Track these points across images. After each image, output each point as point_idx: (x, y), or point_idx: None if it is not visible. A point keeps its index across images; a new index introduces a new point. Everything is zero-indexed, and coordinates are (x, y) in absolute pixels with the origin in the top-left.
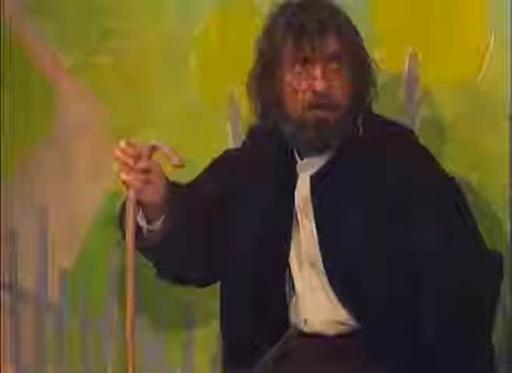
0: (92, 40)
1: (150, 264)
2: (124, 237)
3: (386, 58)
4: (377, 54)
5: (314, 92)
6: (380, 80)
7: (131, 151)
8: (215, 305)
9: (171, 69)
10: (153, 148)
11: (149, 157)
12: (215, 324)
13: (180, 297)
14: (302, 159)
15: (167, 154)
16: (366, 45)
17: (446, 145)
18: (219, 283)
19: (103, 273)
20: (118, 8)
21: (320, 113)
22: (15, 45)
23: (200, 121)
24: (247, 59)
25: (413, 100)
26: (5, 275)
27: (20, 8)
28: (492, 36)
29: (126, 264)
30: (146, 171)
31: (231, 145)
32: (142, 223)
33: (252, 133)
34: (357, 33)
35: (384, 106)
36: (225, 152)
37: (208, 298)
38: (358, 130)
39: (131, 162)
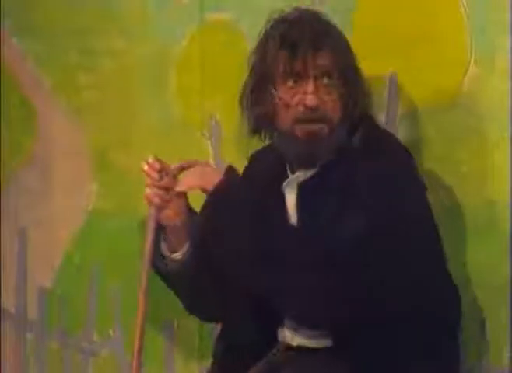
0: (73, 60)
1: None
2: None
3: (366, 78)
4: None
5: (306, 106)
6: None
7: (156, 165)
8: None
9: (152, 88)
10: (181, 168)
11: (175, 177)
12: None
13: (160, 316)
14: (294, 173)
15: None
16: None
17: (427, 165)
18: None
19: (83, 292)
20: (99, 28)
21: (310, 127)
22: None
23: (181, 140)
24: (228, 78)
25: (394, 120)
26: None
27: (2, 28)
28: (473, 55)
29: (141, 279)
30: (168, 189)
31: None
32: (166, 252)
33: (252, 158)
34: (350, 48)
35: None
36: None
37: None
38: (351, 142)
39: (155, 176)
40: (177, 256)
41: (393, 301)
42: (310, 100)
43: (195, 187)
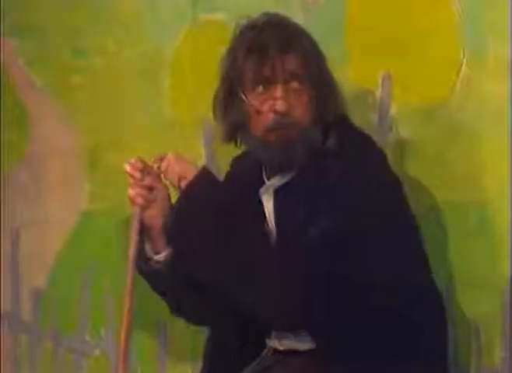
0: (65, 60)
1: None
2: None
3: (359, 78)
4: (350, 74)
5: (276, 112)
6: (353, 100)
7: (139, 165)
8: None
9: (144, 88)
10: (159, 162)
11: (158, 176)
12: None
13: (152, 317)
14: (269, 179)
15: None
16: (340, 64)
17: (418, 165)
18: None
19: (76, 292)
20: (91, 28)
21: (281, 133)
22: None
23: (173, 140)
24: None
25: (386, 120)
26: None
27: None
28: (465, 56)
29: (126, 281)
30: (151, 189)
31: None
32: (150, 254)
33: (233, 162)
34: (318, 51)
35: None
36: None
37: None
38: (325, 146)
39: (138, 175)
40: (161, 257)
41: (370, 300)
42: (280, 106)
43: (176, 178)
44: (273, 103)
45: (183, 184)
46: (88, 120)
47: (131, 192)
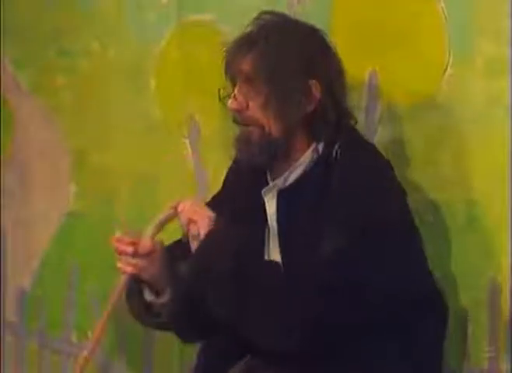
0: (50, 60)
1: None
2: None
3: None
4: None
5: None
6: None
7: (126, 239)
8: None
9: (131, 89)
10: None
11: (152, 238)
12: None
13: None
14: (273, 180)
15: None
16: None
17: (405, 164)
18: None
19: (62, 293)
20: (77, 28)
21: (244, 128)
22: None
23: (159, 141)
24: (207, 78)
25: (373, 119)
26: None
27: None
28: (452, 55)
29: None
30: (147, 254)
31: (191, 165)
32: (151, 298)
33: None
34: (290, 56)
35: None
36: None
37: None
38: (330, 152)
39: (130, 250)
40: (164, 298)
41: (373, 311)
42: (229, 103)
43: (186, 220)
44: None
45: (191, 228)
46: (73, 120)
47: (125, 268)
